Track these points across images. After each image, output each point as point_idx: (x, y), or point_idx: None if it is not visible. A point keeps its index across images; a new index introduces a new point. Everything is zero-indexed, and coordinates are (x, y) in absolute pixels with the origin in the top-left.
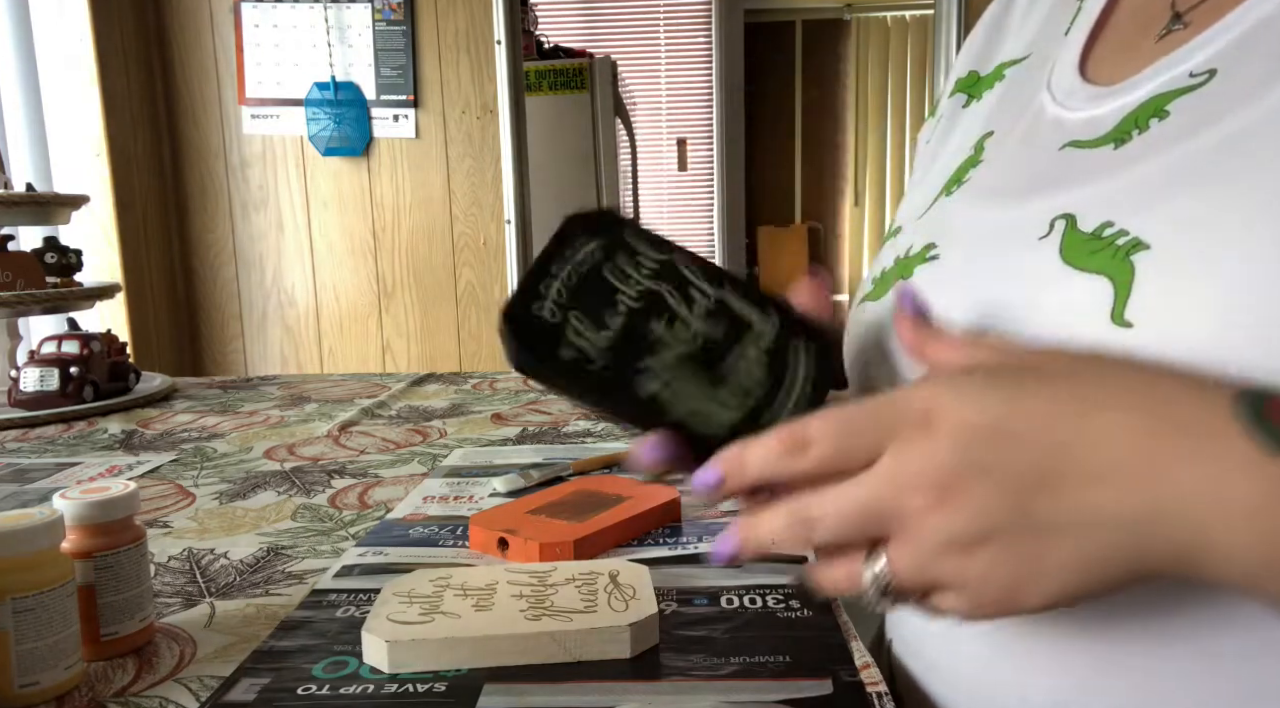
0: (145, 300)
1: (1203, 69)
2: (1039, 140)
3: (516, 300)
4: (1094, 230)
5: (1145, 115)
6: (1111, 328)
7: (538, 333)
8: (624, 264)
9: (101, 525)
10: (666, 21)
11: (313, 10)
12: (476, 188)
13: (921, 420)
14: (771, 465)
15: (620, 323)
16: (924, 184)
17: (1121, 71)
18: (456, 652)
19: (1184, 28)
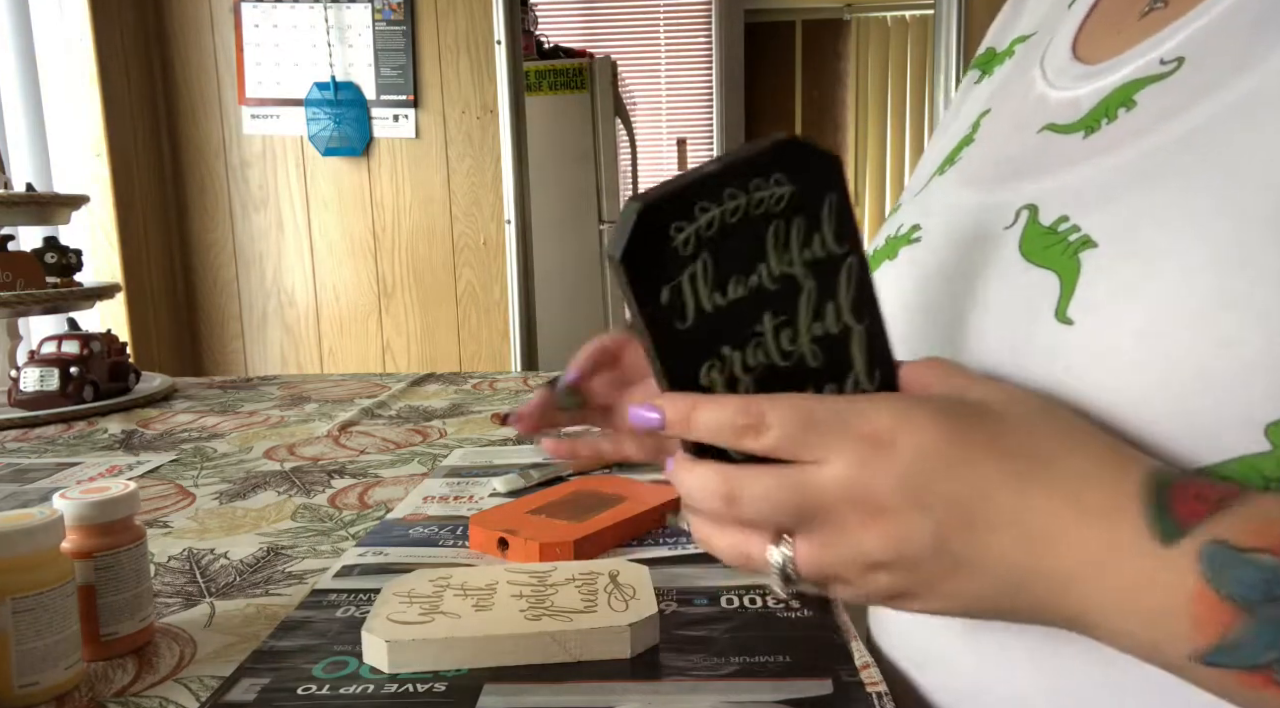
0: (145, 300)
1: (1172, 56)
2: (1025, 120)
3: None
4: (1051, 224)
5: (1115, 104)
6: (1054, 324)
7: (657, 251)
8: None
9: (101, 525)
10: (666, 21)
11: (313, 10)
12: (476, 188)
13: (880, 439)
14: (719, 433)
15: (738, 295)
16: (926, 162)
17: (1107, 49)
18: (456, 652)
19: (1164, 6)
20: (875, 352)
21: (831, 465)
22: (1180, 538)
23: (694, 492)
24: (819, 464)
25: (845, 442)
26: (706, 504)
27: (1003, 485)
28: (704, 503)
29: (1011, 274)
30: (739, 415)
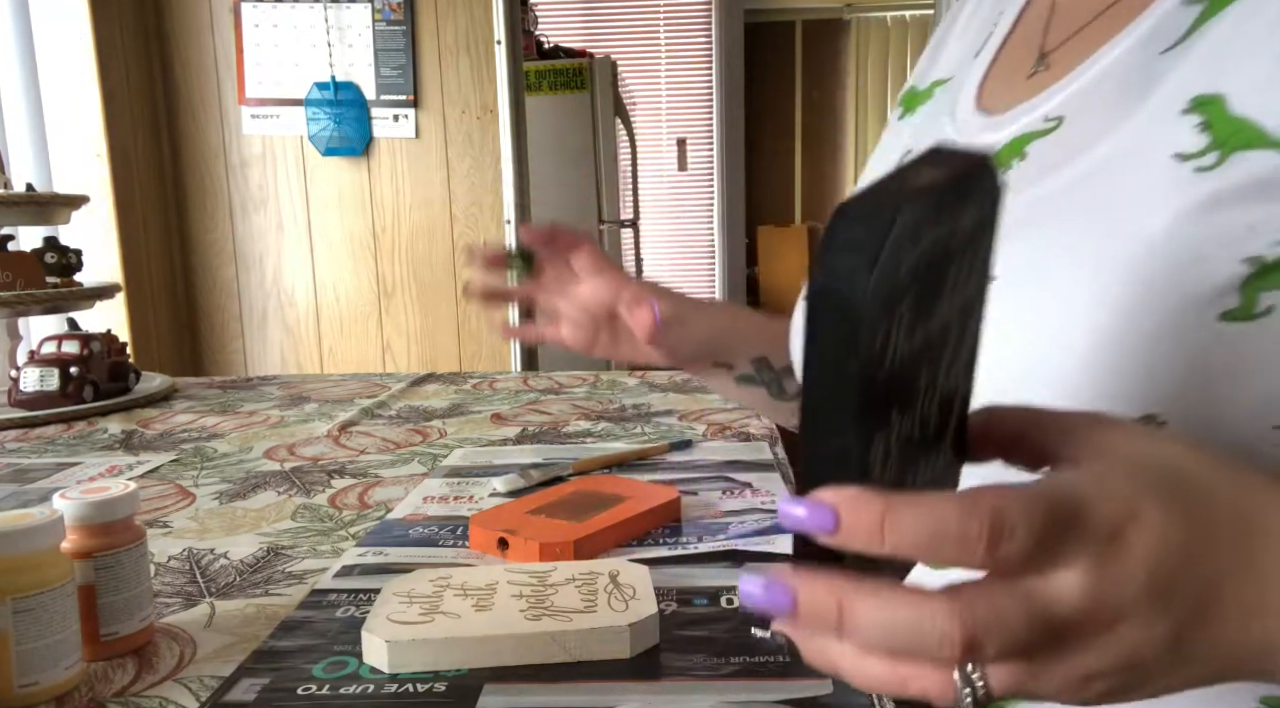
0: (145, 300)
1: (1054, 115)
2: None
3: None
4: None
5: (1010, 155)
6: None
7: (889, 281)
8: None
9: (101, 525)
10: (666, 21)
11: (313, 10)
12: (476, 188)
13: (1116, 536)
14: (932, 544)
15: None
16: None
17: (1003, 103)
18: (456, 652)
19: (1047, 69)
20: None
21: (1069, 575)
22: None
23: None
24: (1051, 574)
25: (1084, 546)
26: (929, 650)
27: (1234, 570)
28: (925, 649)
29: None
30: (968, 521)
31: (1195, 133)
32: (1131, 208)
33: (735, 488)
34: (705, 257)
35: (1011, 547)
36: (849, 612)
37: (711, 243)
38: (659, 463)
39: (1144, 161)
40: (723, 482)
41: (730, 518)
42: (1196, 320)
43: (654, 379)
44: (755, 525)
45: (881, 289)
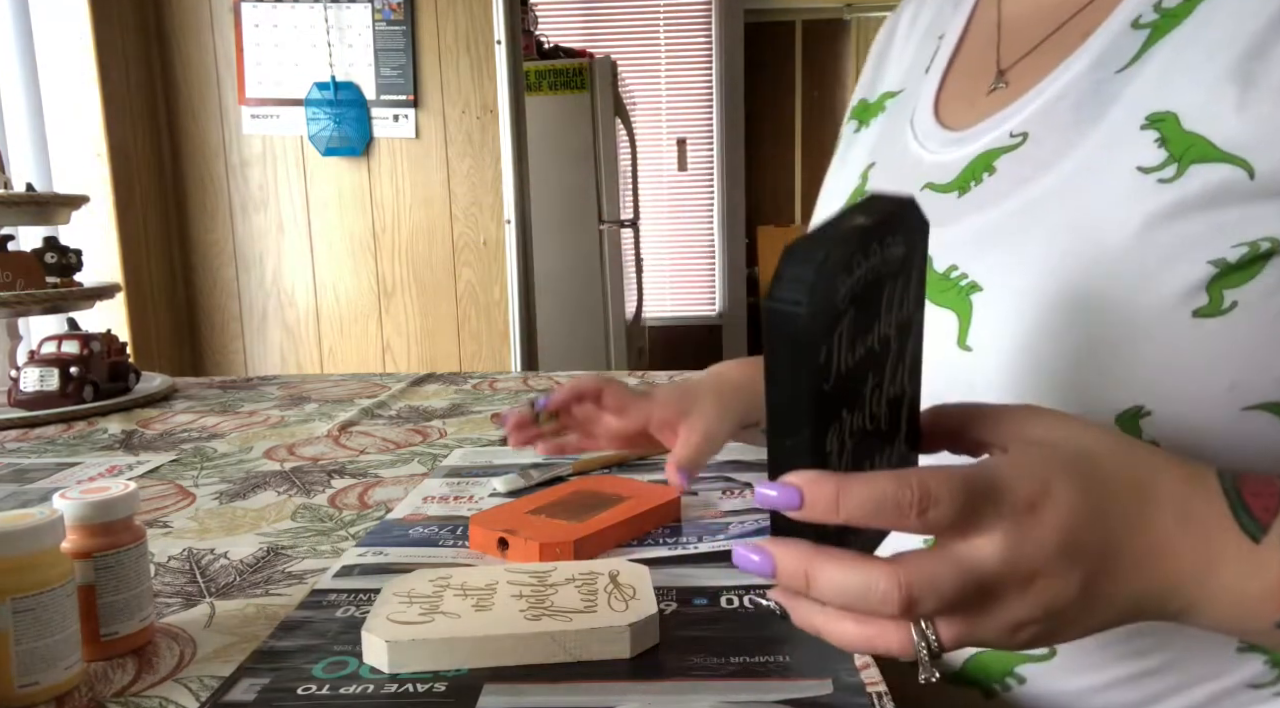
0: (145, 300)
1: (1019, 131)
2: (905, 177)
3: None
4: (944, 271)
5: (979, 169)
6: (958, 352)
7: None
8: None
9: (101, 525)
10: (666, 21)
11: (313, 10)
12: (476, 188)
13: (1031, 507)
14: (876, 513)
15: (860, 356)
16: (824, 206)
17: (964, 118)
18: (456, 652)
19: (1005, 86)
20: (914, 412)
21: (989, 539)
22: (1265, 533)
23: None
24: (977, 539)
25: (1001, 515)
26: (876, 608)
27: (1130, 525)
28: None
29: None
30: (902, 492)
31: (1154, 147)
32: (1102, 215)
33: (735, 488)
34: (705, 257)
35: (937, 513)
36: (813, 575)
37: (711, 243)
38: (659, 463)
39: (1109, 174)
40: (723, 482)
41: (730, 518)
42: (1171, 318)
43: (654, 379)
44: (755, 525)
45: (819, 314)
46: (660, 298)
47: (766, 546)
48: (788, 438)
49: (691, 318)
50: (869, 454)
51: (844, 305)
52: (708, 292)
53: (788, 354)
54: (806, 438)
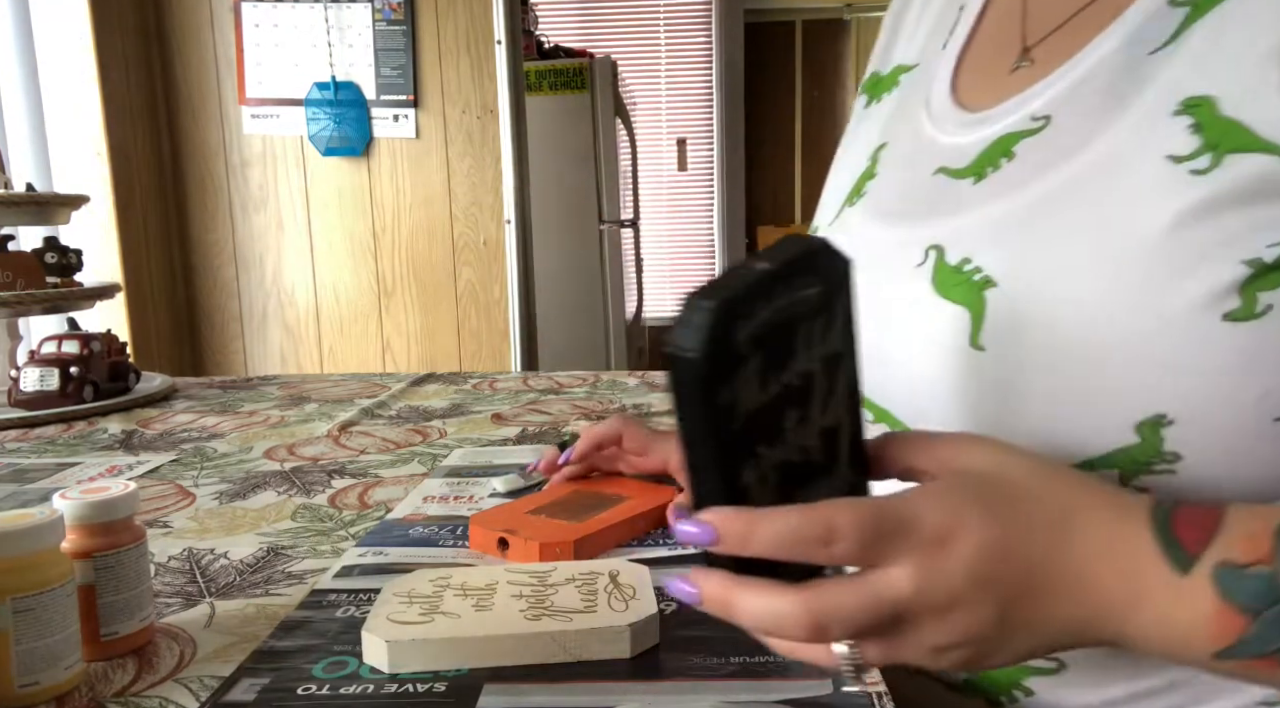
0: (145, 300)
1: (1041, 114)
2: (918, 160)
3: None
4: (957, 264)
5: (997, 154)
6: (969, 351)
7: (725, 349)
8: (817, 331)
9: (101, 525)
10: (666, 21)
11: (313, 10)
12: (476, 188)
13: (940, 537)
14: (783, 547)
15: (774, 393)
16: (832, 190)
17: (983, 98)
18: (456, 652)
19: (1030, 64)
20: (856, 441)
21: (900, 570)
22: (1193, 566)
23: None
24: (888, 570)
25: (910, 547)
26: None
27: (1049, 555)
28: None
29: (930, 307)
30: (805, 526)
31: (1187, 134)
32: (1129, 209)
33: None
34: (705, 257)
35: (841, 547)
36: (732, 604)
37: (711, 243)
38: None
39: (1137, 163)
40: None
41: None
42: (1200, 321)
43: (653, 379)
44: None
45: (715, 359)
46: (660, 298)
47: (692, 577)
48: (700, 475)
49: None
50: (802, 484)
51: (746, 349)
52: None
53: (688, 398)
54: (716, 475)
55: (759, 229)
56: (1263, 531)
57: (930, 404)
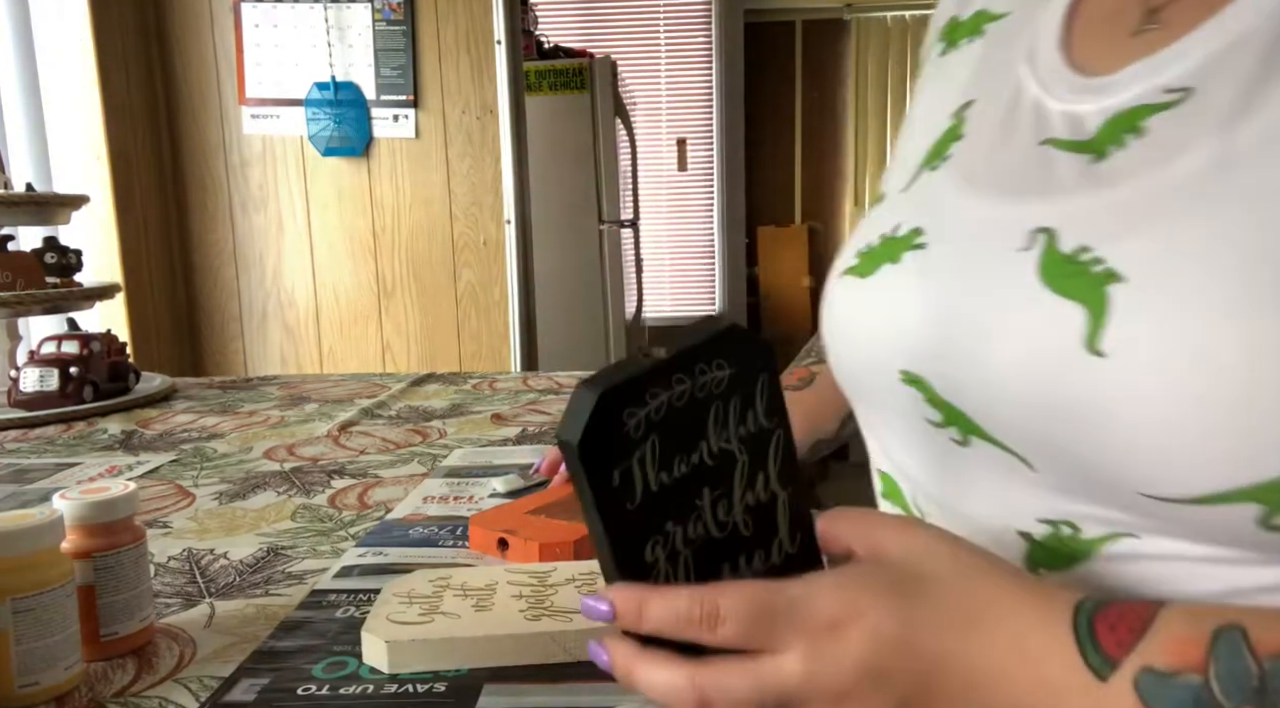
0: (145, 300)
1: (1179, 85)
2: (1020, 126)
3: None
4: (1072, 252)
5: (1122, 129)
6: (1084, 356)
7: (611, 435)
8: (732, 412)
9: (101, 526)
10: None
11: (313, 10)
12: (476, 188)
13: (834, 624)
14: (672, 627)
15: (681, 473)
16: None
17: (1101, 62)
18: (456, 652)
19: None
20: (796, 515)
21: (790, 656)
22: (1113, 671)
23: (660, 695)
24: (777, 655)
25: (798, 632)
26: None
27: (952, 652)
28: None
29: (1033, 301)
30: (693, 607)
31: None
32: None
33: None
34: (705, 257)
35: (725, 630)
36: (633, 673)
37: (711, 243)
38: None
39: None
40: None
41: None
42: None
43: None
44: None
45: (600, 444)
46: (660, 298)
47: (605, 642)
48: (601, 551)
49: (691, 318)
50: (724, 559)
51: (638, 432)
52: (708, 292)
53: (576, 480)
54: (614, 552)
55: (759, 229)
56: (1197, 636)
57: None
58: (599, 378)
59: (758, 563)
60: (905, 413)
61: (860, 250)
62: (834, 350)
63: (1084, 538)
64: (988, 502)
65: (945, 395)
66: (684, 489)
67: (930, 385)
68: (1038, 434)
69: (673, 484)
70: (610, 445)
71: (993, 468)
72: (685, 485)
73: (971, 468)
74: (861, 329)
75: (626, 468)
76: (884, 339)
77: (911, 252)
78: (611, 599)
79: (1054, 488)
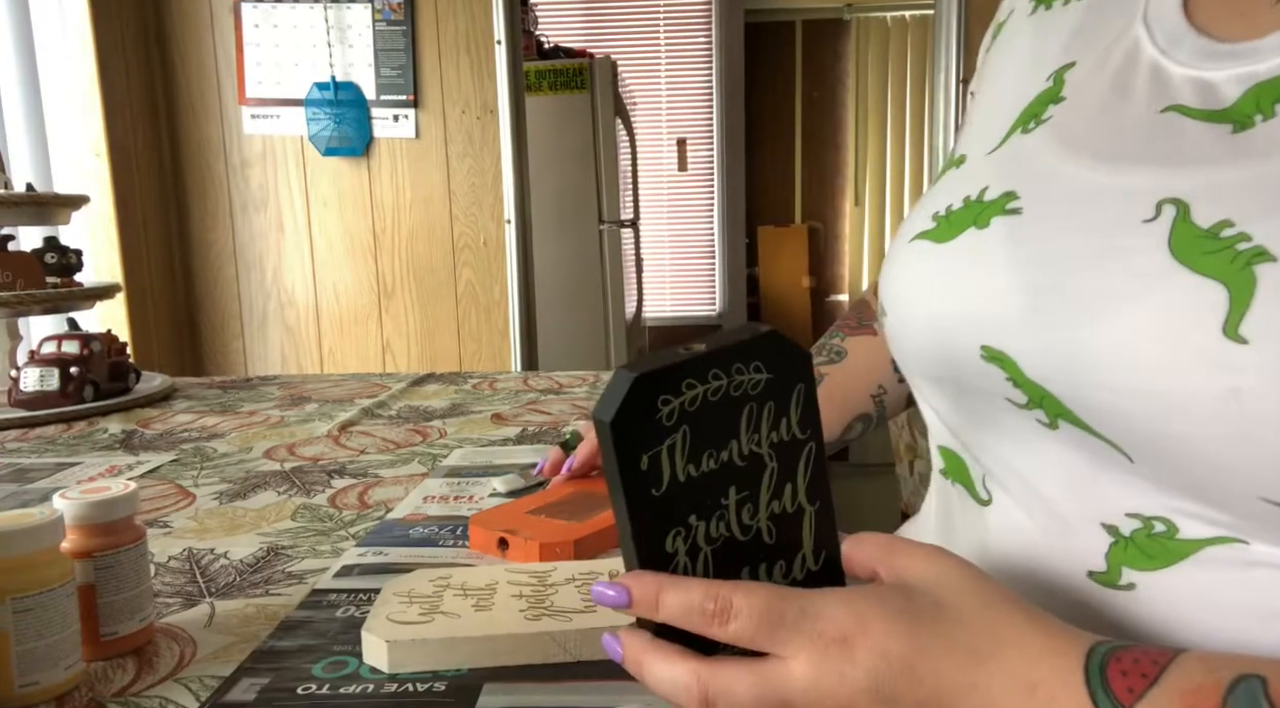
0: (145, 300)
1: None
2: (1136, 90)
3: (657, 374)
4: (1211, 227)
5: (1270, 98)
6: (1222, 339)
7: (644, 420)
8: (765, 416)
9: (101, 525)
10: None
11: (313, 10)
12: (476, 188)
13: (844, 638)
14: (686, 618)
15: (709, 469)
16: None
17: (1235, 28)
18: (456, 652)
19: None
20: (822, 533)
21: (796, 663)
22: None
23: (666, 690)
24: (784, 660)
25: (807, 640)
26: (677, 699)
27: (960, 681)
28: (674, 697)
29: (1161, 276)
30: (707, 601)
31: None
32: None
33: None
34: (705, 257)
35: (736, 625)
36: (642, 666)
37: (711, 243)
38: None
39: None
40: None
41: None
42: None
43: None
44: None
45: (632, 427)
46: (660, 298)
47: (619, 637)
48: (624, 535)
49: (691, 318)
50: (745, 563)
51: (671, 420)
52: (708, 291)
53: (607, 460)
54: (636, 537)
55: (759, 229)
56: (1212, 684)
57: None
58: (638, 363)
59: (778, 573)
60: (982, 392)
61: (937, 214)
62: (899, 320)
63: (1181, 538)
64: (1070, 490)
65: (1033, 376)
66: (710, 485)
67: (1016, 364)
68: (1146, 424)
69: (700, 478)
70: (642, 429)
71: (1082, 455)
72: (712, 481)
73: (1057, 453)
74: (936, 299)
75: (655, 454)
76: (964, 312)
77: (1003, 217)
78: (629, 586)
79: (1154, 482)
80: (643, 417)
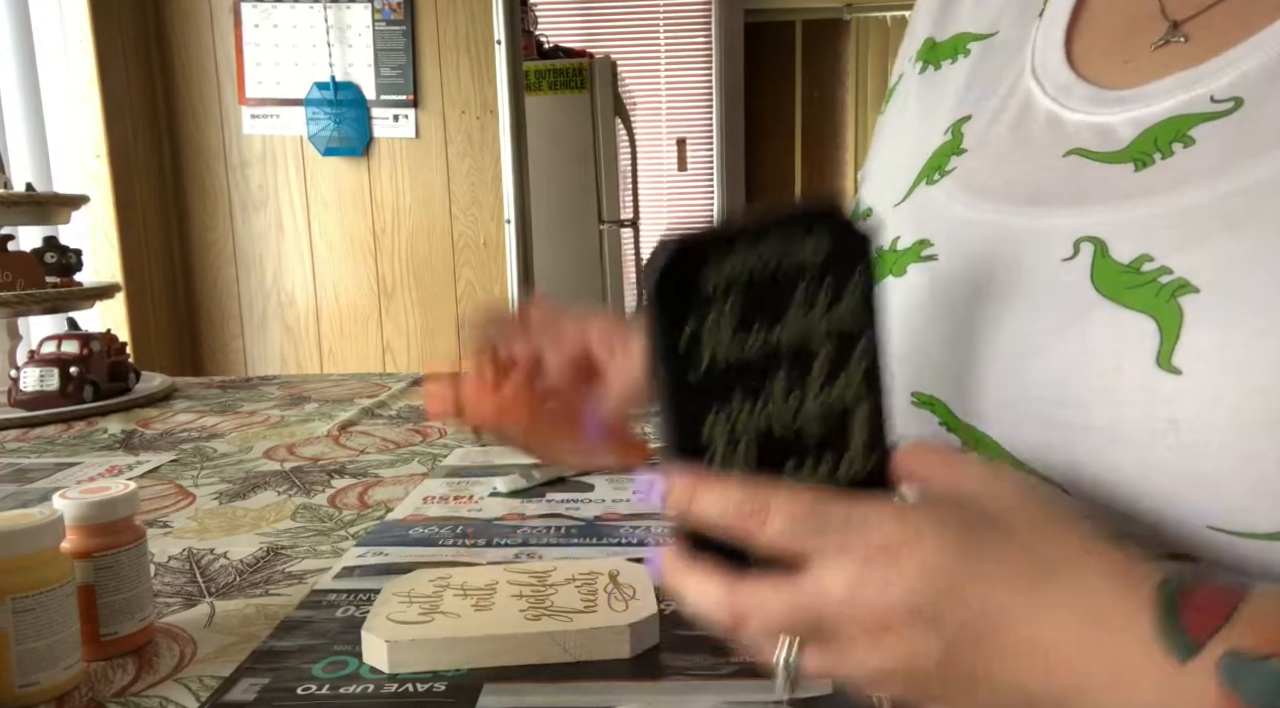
0: (145, 300)
1: (1226, 95)
2: (1035, 137)
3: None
4: (1132, 262)
5: (1167, 138)
6: (1157, 371)
7: (686, 289)
8: (821, 297)
9: (101, 526)
10: (666, 21)
11: (313, 10)
12: (476, 188)
13: (888, 549)
14: (721, 515)
15: (754, 350)
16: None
17: (1121, 76)
18: (456, 652)
19: (1184, 41)
20: (875, 432)
21: (833, 572)
22: (1196, 653)
23: (700, 605)
24: (819, 571)
25: (848, 547)
26: (711, 616)
27: (1011, 605)
28: (708, 614)
29: (1088, 310)
30: (745, 501)
31: None
32: None
33: None
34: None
35: (773, 527)
36: (679, 581)
37: None
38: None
39: None
40: None
41: None
42: None
43: None
44: None
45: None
46: None
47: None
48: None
49: None
50: (787, 459)
51: (714, 293)
52: None
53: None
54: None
55: None
56: None
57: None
58: (684, 234)
59: (824, 471)
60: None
61: None
62: None
63: None
64: None
65: (966, 419)
66: (755, 367)
67: (948, 408)
68: (1088, 457)
69: (744, 358)
70: (684, 300)
71: None
72: (757, 363)
73: None
74: None
75: (697, 330)
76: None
77: (918, 265)
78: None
79: (1093, 517)
80: (686, 286)
